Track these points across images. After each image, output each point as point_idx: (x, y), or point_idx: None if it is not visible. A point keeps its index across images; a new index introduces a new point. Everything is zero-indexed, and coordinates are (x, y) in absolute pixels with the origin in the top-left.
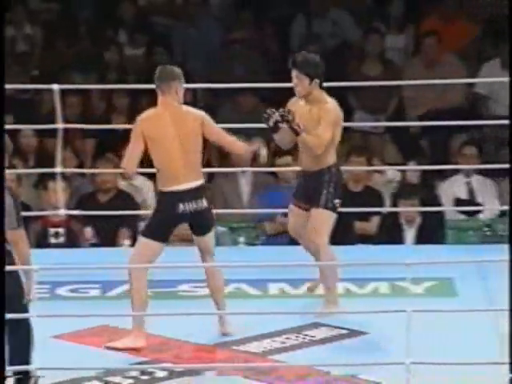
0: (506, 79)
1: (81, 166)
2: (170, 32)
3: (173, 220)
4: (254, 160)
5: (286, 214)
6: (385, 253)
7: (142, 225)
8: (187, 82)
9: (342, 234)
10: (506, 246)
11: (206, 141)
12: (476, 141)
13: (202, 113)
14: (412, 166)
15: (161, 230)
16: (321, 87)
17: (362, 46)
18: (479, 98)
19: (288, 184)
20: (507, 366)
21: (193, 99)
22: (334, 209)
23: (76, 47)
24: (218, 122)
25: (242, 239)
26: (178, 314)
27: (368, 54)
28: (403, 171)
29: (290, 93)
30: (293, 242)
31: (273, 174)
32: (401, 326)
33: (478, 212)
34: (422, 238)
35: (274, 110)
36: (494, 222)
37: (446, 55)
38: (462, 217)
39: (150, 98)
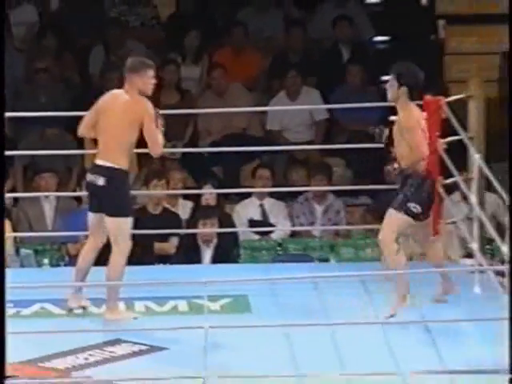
0: (294, 107)
1: None
2: None
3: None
4: None
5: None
6: (183, 272)
7: None
8: None
9: (142, 255)
10: (294, 265)
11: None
12: (268, 164)
13: (146, 108)
14: (207, 190)
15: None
16: (411, 99)
17: (160, 76)
18: (273, 133)
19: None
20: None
21: None
22: (407, 211)
23: None
24: (23, 149)
25: (46, 261)
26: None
27: (165, 84)
28: (199, 195)
29: None
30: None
31: (76, 198)
32: (199, 342)
33: (271, 232)
34: (219, 257)
35: (381, 126)
36: (285, 241)
37: (234, 86)
38: (256, 237)
39: None
